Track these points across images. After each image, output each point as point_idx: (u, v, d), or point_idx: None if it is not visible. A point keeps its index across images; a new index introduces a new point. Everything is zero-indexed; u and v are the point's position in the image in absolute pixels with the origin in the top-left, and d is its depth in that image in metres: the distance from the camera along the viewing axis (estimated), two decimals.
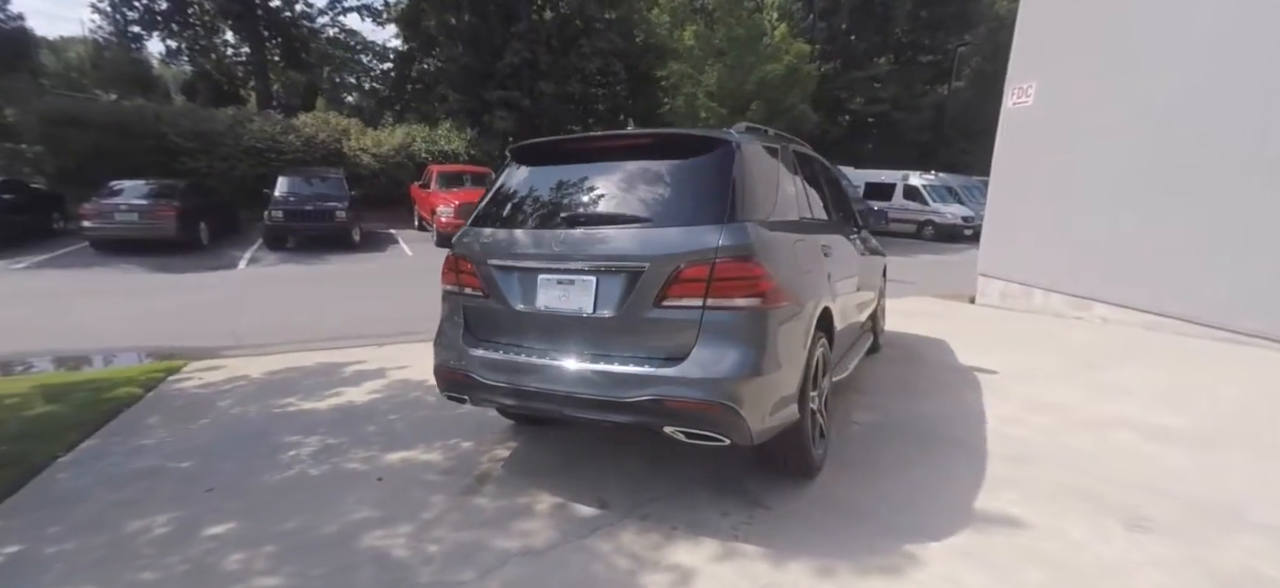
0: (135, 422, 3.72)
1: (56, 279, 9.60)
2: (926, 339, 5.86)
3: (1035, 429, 3.59)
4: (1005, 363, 4.96)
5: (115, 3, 20.39)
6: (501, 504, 2.71)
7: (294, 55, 21.74)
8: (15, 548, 2.34)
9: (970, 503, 2.75)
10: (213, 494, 2.77)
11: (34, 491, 2.83)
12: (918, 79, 31.54)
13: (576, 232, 2.62)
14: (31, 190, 14.02)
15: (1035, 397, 4.14)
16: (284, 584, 2.13)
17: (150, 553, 2.31)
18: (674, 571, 2.27)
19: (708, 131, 2.72)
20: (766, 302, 2.42)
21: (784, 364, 2.51)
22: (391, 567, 2.25)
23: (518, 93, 17.51)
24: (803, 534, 2.50)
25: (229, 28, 21.35)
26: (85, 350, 5.83)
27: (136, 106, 16.85)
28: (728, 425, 2.36)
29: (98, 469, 3.05)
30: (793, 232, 2.82)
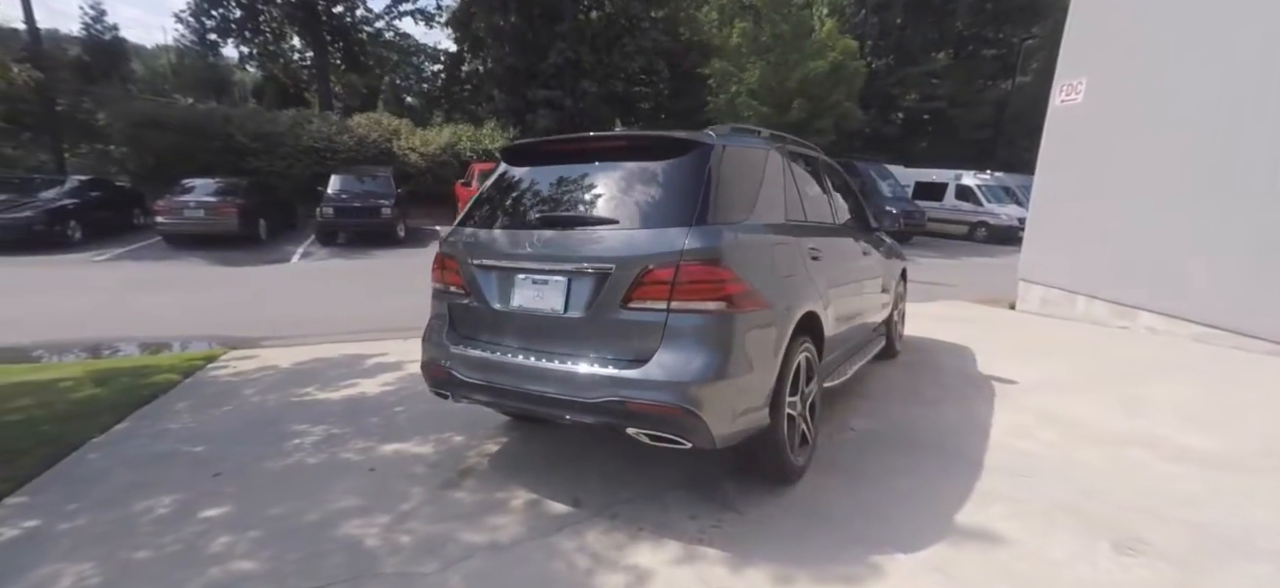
0: (166, 407, 4.00)
1: (130, 271, 10.41)
2: (950, 346, 5.62)
3: (1043, 443, 3.41)
4: (1029, 373, 4.71)
5: (196, 12, 21.89)
6: (478, 499, 2.79)
7: (354, 59, 22.78)
8: (34, 523, 2.57)
9: (952, 516, 2.64)
10: (218, 479, 2.96)
11: (64, 469, 3.09)
12: (978, 74, 30.18)
13: (550, 233, 2.67)
14: (116, 188, 15.24)
15: (1052, 409, 3.92)
16: (258, 568, 2.26)
17: (148, 532, 2.49)
18: (631, 571, 2.28)
19: (685, 134, 2.70)
20: (732, 305, 2.40)
21: (752, 368, 2.48)
22: (361, 556, 2.35)
23: (560, 92, 17.77)
24: (768, 541, 2.47)
25: (295, 33, 22.56)
26: (140, 338, 6.30)
27: (208, 109, 18.05)
28: (689, 429, 2.36)
29: (123, 451, 3.30)
30: (773, 235, 2.77)
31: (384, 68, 23.88)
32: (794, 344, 2.78)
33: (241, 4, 21.04)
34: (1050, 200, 7.64)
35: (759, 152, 2.98)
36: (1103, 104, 6.83)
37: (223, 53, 22.55)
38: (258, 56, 22.52)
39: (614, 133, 2.83)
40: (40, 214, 11.80)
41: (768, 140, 3.19)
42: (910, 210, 18.34)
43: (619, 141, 2.83)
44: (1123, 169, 6.54)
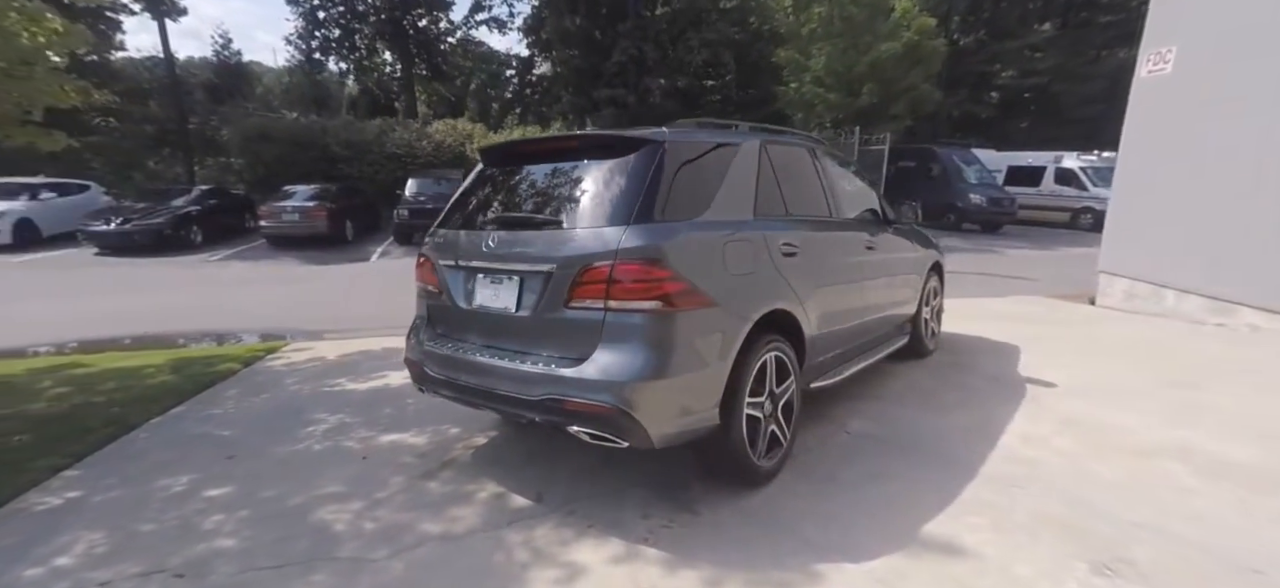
0: (219, 394, 4.46)
1: (235, 269, 11.64)
2: (997, 345, 5.18)
3: (1056, 451, 3.11)
4: (1076, 376, 4.27)
5: (303, 34, 24.11)
6: (449, 490, 2.91)
7: (437, 69, 24.17)
8: (75, 494, 2.96)
9: (920, 527, 2.48)
10: (231, 462, 3.28)
11: (117, 447, 3.52)
12: (1089, 44, 27.29)
13: (504, 233, 2.74)
14: (231, 195, 17.06)
15: (1083, 415, 3.55)
16: (234, 546, 2.49)
17: (158, 507, 2.80)
18: (567, 568, 2.31)
19: (637, 132, 2.67)
20: (670, 304, 2.36)
21: (694, 368, 2.44)
22: (325, 539, 2.53)
23: (623, 90, 17.93)
24: (714, 544, 2.42)
25: (385, 48, 24.23)
26: (226, 329, 7.04)
27: (309, 122, 19.77)
28: (624, 429, 2.35)
29: (167, 433, 3.72)
30: (727, 231, 2.68)
31: (463, 76, 25.15)
32: (755, 343, 2.69)
33: (339, 24, 22.87)
34: (1135, 183, 6.82)
35: (724, 147, 2.89)
36: (1195, 74, 6.00)
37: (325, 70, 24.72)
38: (354, 71, 24.44)
39: (573, 133, 2.85)
40: (168, 220, 13.44)
41: (743, 134, 3.10)
42: (998, 197, 16.98)
43: (576, 142, 2.85)
44: (1218, 146, 5.72)
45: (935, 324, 4.97)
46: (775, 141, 3.29)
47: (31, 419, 3.90)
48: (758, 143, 3.10)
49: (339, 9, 22.39)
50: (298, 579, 2.26)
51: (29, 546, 2.51)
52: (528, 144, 3.03)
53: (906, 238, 4.46)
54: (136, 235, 12.92)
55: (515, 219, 2.79)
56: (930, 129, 24.34)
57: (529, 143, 3.02)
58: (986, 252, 13.18)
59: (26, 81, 4.03)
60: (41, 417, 3.96)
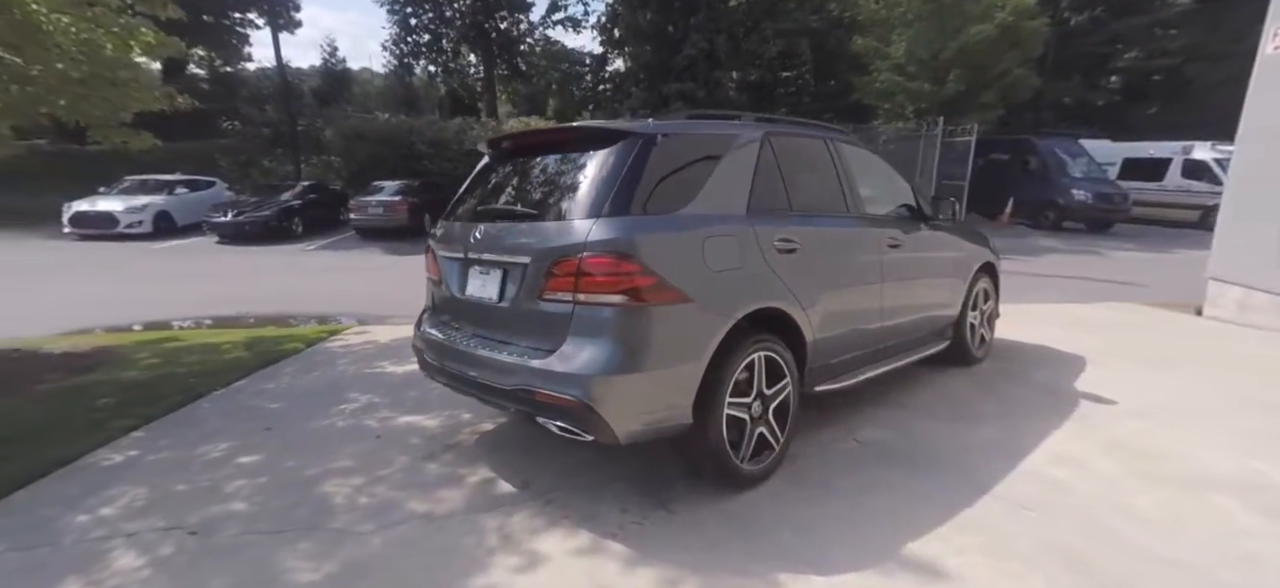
0: (278, 371, 4.87)
1: (325, 258, 12.66)
2: (1059, 355, 4.71)
3: (1090, 475, 2.80)
4: (1145, 394, 3.81)
5: (396, 40, 25.83)
6: (444, 472, 3.04)
7: (516, 68, 25.07)
8: (134, 453, 3.34)
9: (904, 544, 2.33)
10: (268, 433, 3.58)
11: (182, 415, 3.93)
12: (1232, 19, 24.00)
13: (491, 225, 2.81)
14: (329, 190, 18.53)
15: (1135, 438, 3.16)
16: (246, 510, 2.72)
17: (196, 470, 3.11)
18: (529, 556, 2.35)
19: (620, 125, 2.65)
20: (637, 299, 2.33)
21: (665, 365, 2.40)
22: (323, 510, 2.71)
23: (693, 84, 17.77)
24: (681, 545, 2.39)
25: (469, 50, 25.42)
26: (305, 313, 7.68)
27: (398, 121, 21.05)
28: (589, 422, 2.35)
29: (225, 404, 4.12)
30: (711, 226, 2.60)
31: (540, 75, 25.94)
32: (739, 342, 2.61)
33: (428, 30, 24.26)
34: (1255, 174, 5.95)
35: (717, 140, 2.81)
36: None
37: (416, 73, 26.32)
38: (440, 73, 25.85)
39: (563, 125, 2.86)
40: (274, 213, 14.81)
41: (744, 126, 3.00)
42: (1107, 193, 15.37)
43: (566, 135, 2.86)
44: None
45: (986, 330, 4.58)
46: (782, 134, 3.15)
47: (120, 385, 4.44)
48: (760, 135, 2.99)
49: (428, 15, 23.75)
50: (287, 545, 2.44)
51: (85, 495, 2.87)
52: (523, 136, 3.07)
53: (949, 236, 4.14)
54: (247, 226, 14.35)
55: (499, 211, 2.86)
56: (1032, 118, 22.39)
57: (524, 135, 3.06)
58: (1087, 253, 12.01)
59: (117, 88, 4.58)
60: (129, 383, 4.50)
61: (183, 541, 2.49)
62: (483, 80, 25.93)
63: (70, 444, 3.38)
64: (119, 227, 14.61)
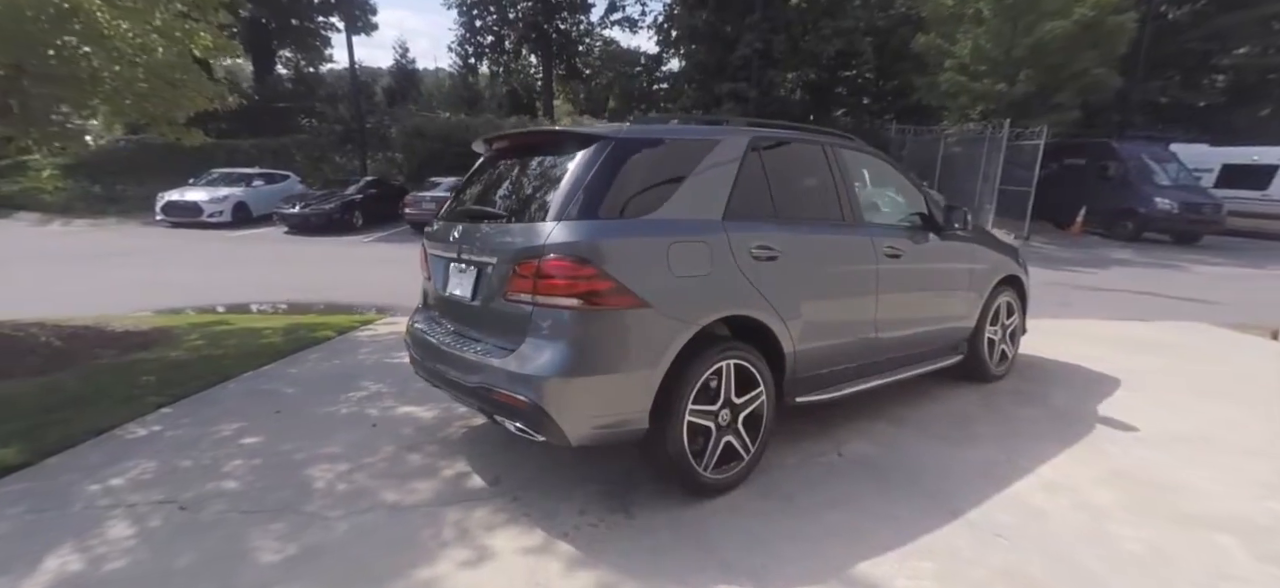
0: (304, 357, 5.15)
1: (379, 250, 13.27)
2: (1091, 375, 4.40)
3: (1079, 506, 2.63)
4: (1173, 423, 3.53)
5: (461, 41, 26.83)
6: (424, 464, 3.13)
7: (574, 68, 25.48)
8: (157, 428, 3.61)
9: (855, 565, 2.26)
10: (277, 416, 3.79)
11: (208, 394, 4.21)
12: None
13: (468, 225, 2.88)
14: (390, 186, 19.41)
15: (1145, 469, 2.93)
16: (235, 488, 2.89)
17: (203, 447, 3.33)
18: (479, 552, 2.40)
19: (591, 128, 2.66)
20: (591, 302, 2.34)
21: (620, 370, 2.40)
22: (304, 494, 2.84)
23: (745, 84, 17.51)
24: (629, 550, 2.39)
25: (530, 51, 26.04)
26: (346, 302, 8.09)
27: (456, 120, 21.88)
28: (541, 424, 2.38)
29: (249, 386, 4.39)
30: (681, 232, 2.56)
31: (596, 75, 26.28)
32: (707, 349, 2.57)
33: (492, 32, 25.02)
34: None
35: (694, 145, 2.77)
36: None
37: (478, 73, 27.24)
38: (502, 73, 26.61)
39: (540, 128, 2.88)
40: (336, 206, 15.67)
41: (727, 131, 2.94)
42: (1196, 203, 14.12)
43: (544, 137, 2.88)
44: None
45: (1008, 346, 4.30)
46: (771, 140, 3.08)
47: (164, 364, 4.81)
48: (744, 141, 2.93)
49: (492, 17, 24.51)
50: (261, 525, 2.58)
51: (104, 465, 3.13)
52: (509, 137, 3.11)
53: (965, 247, 3.91)
54: (312, 218, 15.25)
55: (475, 211, 2.92)
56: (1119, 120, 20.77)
57: (507, 136, 3.10)
58: (1164, 267, 11.09)
59: (174, 89, 4.96)
60: (172, 362, 4.87)
61: (172, 514, 2.67)
62: (541, 80, 26.53)
63: (106, 416, 3.69)
64: (202, 215, 15.84)
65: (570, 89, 26.80)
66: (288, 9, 26.62)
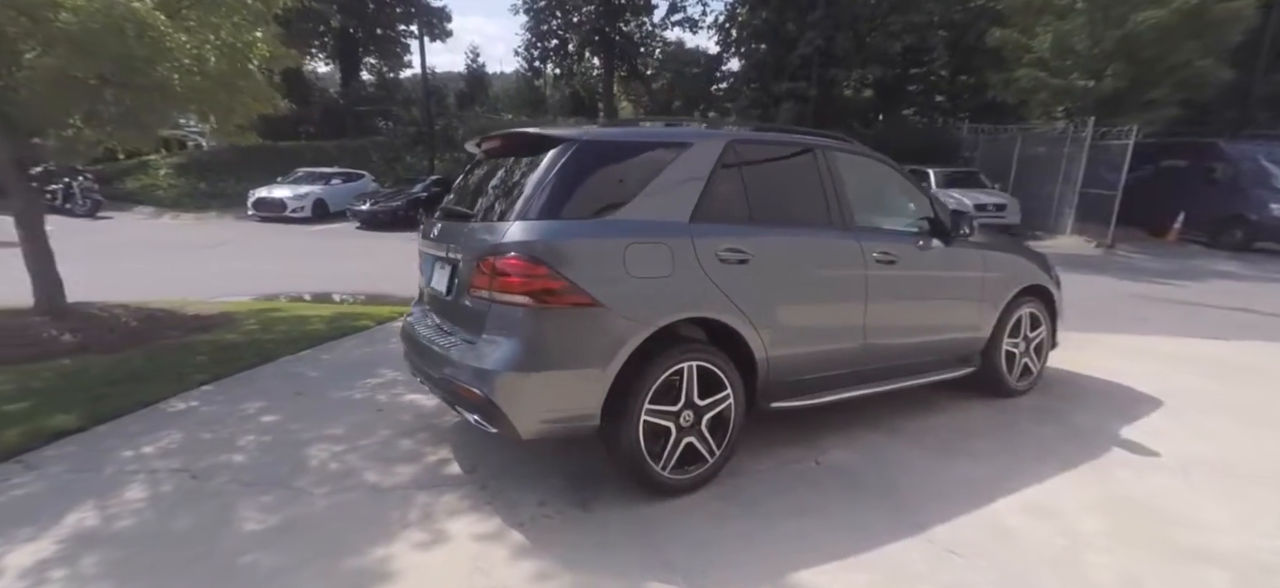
0: (339, 344, 5.50)
1: None
2: (1131, 395, 4.08)
3: (1059, 531, 2.49)
4: (1208, 450, 3.23)
5: (527, 45, 27.73)
6: (412, 449, 3.30)
7: (635, 69, 25.72)
8: (194, 404, 3.98)
9: (794, 572, 2.23)
10: (298, 397, 4.09)
11: (248, 374, 4.59)
12: None
13: (446, 223, 3.01)
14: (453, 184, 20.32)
15: (1149, 498, 2.72)
16: (242, 461, 3.15)
17: (227, 423, 3.64)
18: (436, 535, 2.51)
19: (557, 130, 2.72)
20: (541, 300, 2.41)
21: (569, 367, 2.46)
22: (298, 471, 3.05)
23: (805, 83, 17.07)
24: (577, 543, 2.45)
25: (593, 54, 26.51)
26: (400, 294, 8.55)
27: (516, 121, 22.57)
28: (492, 417, 2.47)
29: (283, 369, 4.74)
30: (641, 233, 2.58)
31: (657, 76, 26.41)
32: (666, 350, 2.59)
33: (557, 35, 25.69)
34: None
35: (662, 148, 2.78)
36: None
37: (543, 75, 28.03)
38: (564, 75, 27.25)
39: (516, 130, 2.93)
40: (402, 204, 16.58)
41: (700, 134, 2.93)
42: None
43: (517, 139, 2.95)
44: None
45: (1032, 360, 4.02)
46: (750, 142, 3.05)
47: (218, 346, 5.28)
48: (720, 143, 2.91)
49: (557, 21, 25.18)
50: (253, 497, 2.80)
51: (141, 434, 3.49)
52: (491, 139, 3.18)
53: (978, 254, 3.69)
54: (380, 215, 16.22)
55: (450, 210, 3.06)
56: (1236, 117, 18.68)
57: (492, 137, 3.18)
58: (1275, 282, 9.95)
59: (233, 94, 5.44)
60: (225, 344, 5.33)
61: (183, 482, 2.96)
62: (601, 81, 26.99)
63: (156, 391, 4.11)
64: (286, 211, 17.17)
65: (632, 90, 27.07)
66: (373, 18, 28.37)
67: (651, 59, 25.87)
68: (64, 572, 2.27)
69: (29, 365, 4.66)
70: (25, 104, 5.03)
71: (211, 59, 4.98)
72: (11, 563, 2.32)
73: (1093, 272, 10.04)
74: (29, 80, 4.92)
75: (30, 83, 4.92)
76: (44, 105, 5.06)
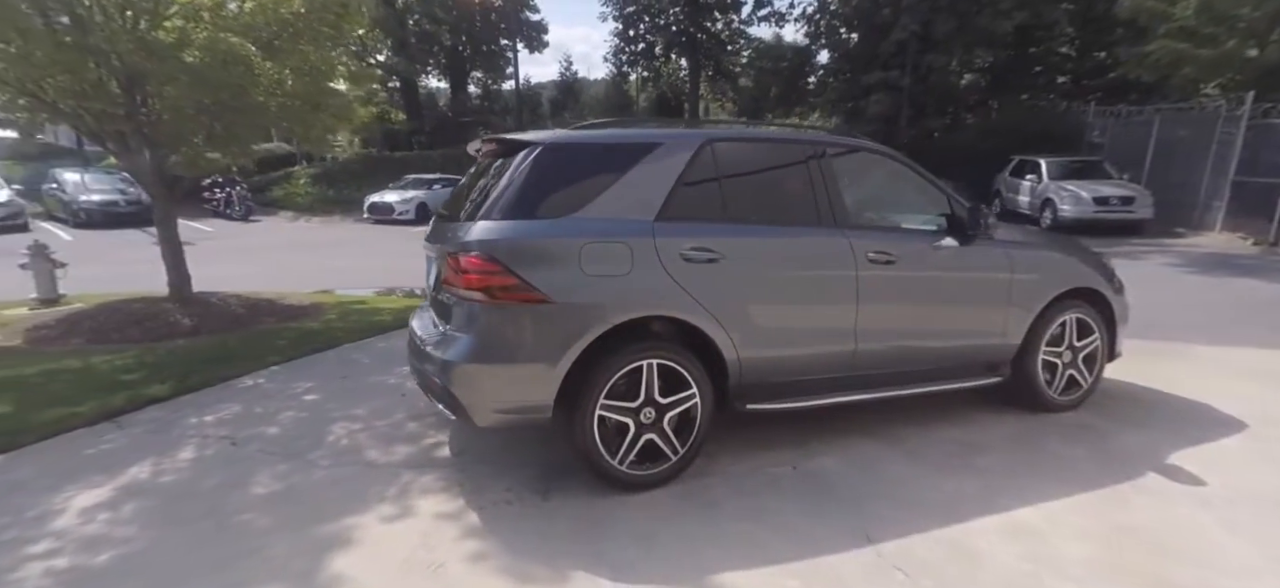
0: (397, 334, 5.97)
1: None
2: (1207, 416, 3.54)
3: (1031, 557, 2.27)
4: (1270, 484, 2.69)
5: (616, 51, 28.54)
6: (416, 432, 3.55)
7: (722, 68, 25.47)
8: (261, 381, 4.52)
9: (719, 572, 2.22)
10: (343, 380, 4.53)
11: (313, 358, 5.10)
12: None
13: (436, 223, 3.22)
14: None
15: (1164, 530, 2.39)
16: (275, 434, 3.56)
17: (279, 399, 4.11)
18: (405, 510, 2.72)
19: (525, 135, 2.83)
20: (494, 297, 2.54)
21: (520, 361, 2.58)
22: (315, 445, 3.40)
23: (897, 72, 16.02)
24: (525, 529, 2.55)
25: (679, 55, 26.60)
26: None
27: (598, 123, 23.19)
28: (452, 405, 2.64)
29: (344, 355, 5.22)
30: (599, 233, 2.64)
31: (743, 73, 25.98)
32: (624, 347, 2.64)
33: (644, 39, 26.08)
34: None
35: (629, 149, 2.81)
36: None
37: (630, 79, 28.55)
38: (651, 78, 27.54)
39: (500, 136, 3.06)
40: None
41: (672, 135, 2.94)
42: None
43: (496, 144, 3.07)
44: None
45: (1080, 371, 3.56)
46: (730, 141, 3.02)
47: (298, 332, 5.94)
48: (694, 143, 2.89)
49: (645, 26, 25.55)
50: (271, 465, 3.17)
51: (211, 405, 4.03)
52: (484, 142, 3.32)
53: (1007, 253, 3.34)
54: None
55: (440, 212, 3.26)
56: None
57: (485, 141, 3.31)
58: None
59: (321, 112, 6.13)
60: (305, 332, 5.99)
61: (224, 448, 3.40)
62: (689, 82, 27.02)
63: (236, 369, 4.72)
64: (394, 214, 18.82)
65: (719, 89, 26.85)
66: (479, 35, 30.29)
67: (737, 57, 25.49)
68: (108, 515, 2.71)
69: (151, 344, 5.53)
70: (159, 126, 5.95)
71: (289, 81, 5.62)
72: (77, 503, 2.81)
73: (1242, 274, 8.66)
74: (161, 108, 5.84)
75: (162, 110, 5.84)
76: (172, 127, 5.97)
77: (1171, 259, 9.90)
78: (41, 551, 2.44)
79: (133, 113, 5.66)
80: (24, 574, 2.30)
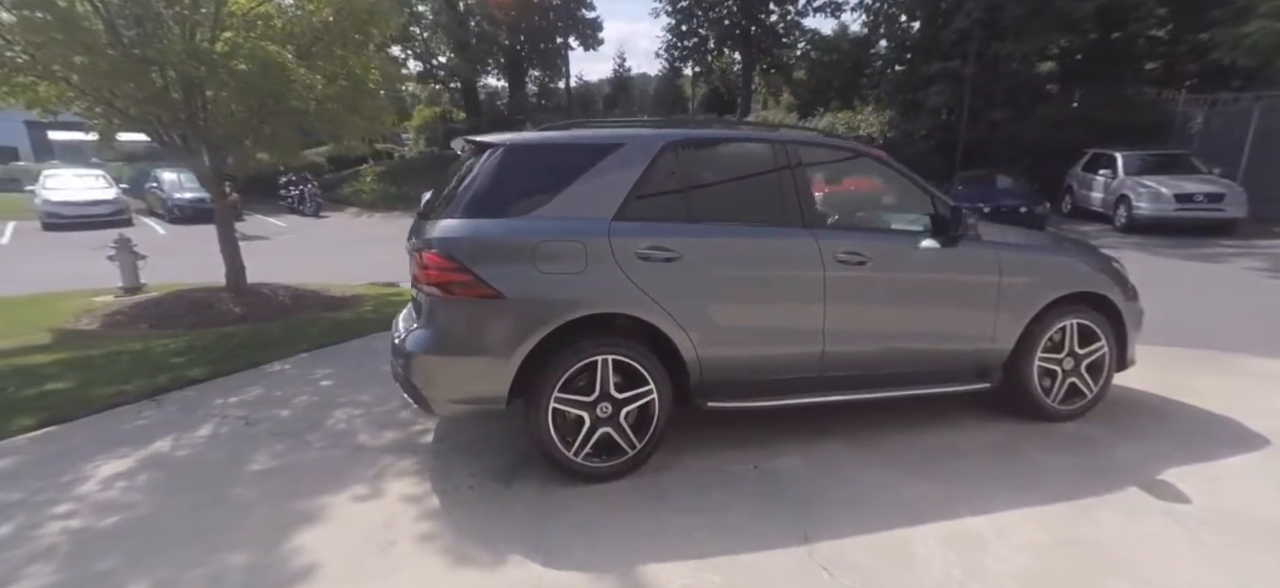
0: None
1: None
2: (1233, 431, 3.24)
3: (968, 567, 2.20)
4: (1267, 507, 2.44)
5: (668, 47, 28.48)
6: (407, 419, 3.72)
7: (776, 61, 24.95)
8: (287, 367, 4.86)
9: (645, 563, 2.29)
10: (358, 368, 4.81)
11: (339, 347, 5.43)
12: None
13: (418, 222, 3.36)
14: None
15: (1121, 548, 2.26)
16: (285, 416, 3.83)
17: (299, 383, 4.42)
18: (375, 490, 2.91)
19: (492, 137, 2.93)
20: (448, 292, 2.67)
21: (473, 354, 2.70)
22: (315, 427, 3.64)
23: (959, 62, 15.19)
24: (478, 514, 2.69)
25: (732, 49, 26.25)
26: None
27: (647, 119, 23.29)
28: (414, 394, 2.78)
29: (369, 344, 5.52)
30: (552, 231, 2.71)
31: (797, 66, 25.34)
32: (577, 343, 2.72)
33: (696, 35, 25.92)
34: None
35: (586, 148, 2.87)
36: None
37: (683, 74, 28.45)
38: (704, 73, 27.32)
39: (475, 137, 3.16)
40: None
41: (635, 136, 2.96)
42: None
43: (474, 146, 3.18)
44: None
45: (1082, 379, 3.34)
46: (695, 142, 3.03)
47: (333, 322, 6.34)
48: (657, 144, 2.92)
49: (697, 20, 25.39)
50: (271, 443, 3.43)
51: (239, 387, 4.38)
52: (465, 143, 3.43)
53: (993, 254, 3.18)
54: None
55: (419, 211, 3.41)
56: None
57: (465, 141, 3.43)
58: None
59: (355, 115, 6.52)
60: (339, 321, 6.39)
61: (238, 427, 3.71)
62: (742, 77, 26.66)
63: (269, 355, 5.11)
64: None
65: (771, 81, 26.36)
66: (536, 34, 31.00)
67: (792, 49, 24.91)
68: (124, 483, 3.03)
69: (202, 330, 6.05)
70: (213, 130, 6.49)
71: (319, 85, 6.00)
72: (103, 472, 3.15)
73: None
74: (214, 113, 6.37)
75: (215, 114, 6.37)
76: (223, 131, 6.51)
77: (1258, 263, 8.99)
78: (62, 512, 2.76)
79: (192, 117, 6.20)
80: (44, 531, 2.61)
